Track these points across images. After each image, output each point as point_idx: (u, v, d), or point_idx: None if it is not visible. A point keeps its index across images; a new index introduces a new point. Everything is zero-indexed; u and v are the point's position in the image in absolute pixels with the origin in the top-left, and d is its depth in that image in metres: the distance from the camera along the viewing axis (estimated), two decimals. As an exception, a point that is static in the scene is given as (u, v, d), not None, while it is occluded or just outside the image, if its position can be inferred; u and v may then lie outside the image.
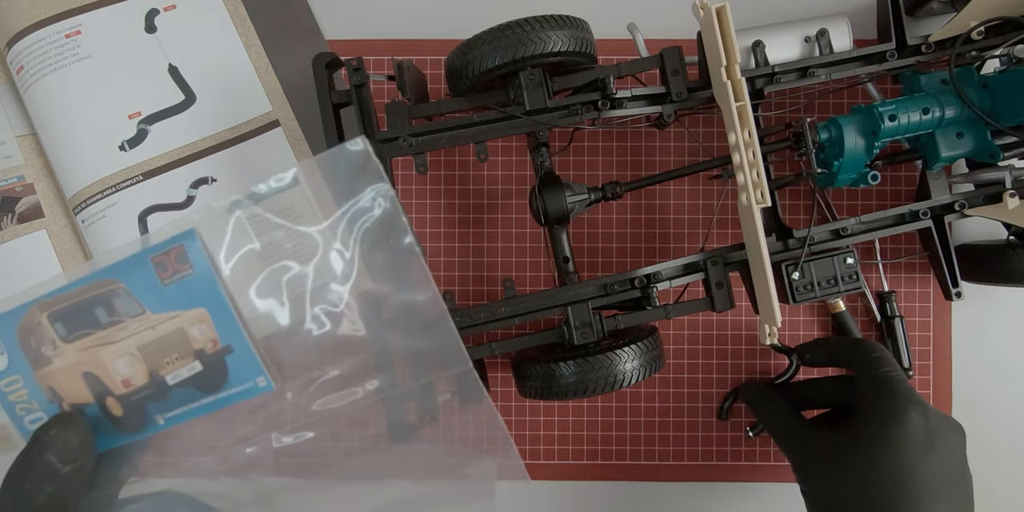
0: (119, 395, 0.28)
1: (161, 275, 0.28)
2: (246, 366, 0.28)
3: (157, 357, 0.28)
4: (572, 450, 0.51)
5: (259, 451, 0.31)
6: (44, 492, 0.26)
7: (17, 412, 0.29)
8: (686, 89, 0.43)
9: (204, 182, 0.50)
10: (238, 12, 0.51)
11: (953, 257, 0.45)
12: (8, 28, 0.50)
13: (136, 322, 0.28)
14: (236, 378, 0.28)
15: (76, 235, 0.50)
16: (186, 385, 0.28)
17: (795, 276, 0.42)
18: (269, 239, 0.30)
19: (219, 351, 0.28)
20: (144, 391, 0.28)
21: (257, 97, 0.51)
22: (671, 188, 0.51)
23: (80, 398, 0.28)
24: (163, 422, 0.29)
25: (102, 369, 0.28)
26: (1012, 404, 0.51)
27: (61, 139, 0.49)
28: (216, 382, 0.28)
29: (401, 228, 0.29)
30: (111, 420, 0.29)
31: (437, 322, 0.29)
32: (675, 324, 0.51)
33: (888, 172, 0.50)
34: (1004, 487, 0.51)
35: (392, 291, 0.30)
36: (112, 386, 0.28)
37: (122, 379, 0.28)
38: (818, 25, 0.44)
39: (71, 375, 0.28)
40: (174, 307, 0.28)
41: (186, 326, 0.28)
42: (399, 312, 0.30)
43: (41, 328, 0.28)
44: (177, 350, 0.28)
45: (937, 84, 0.43)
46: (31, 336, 0.28)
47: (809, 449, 0.41)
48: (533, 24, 0.40)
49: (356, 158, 0.29)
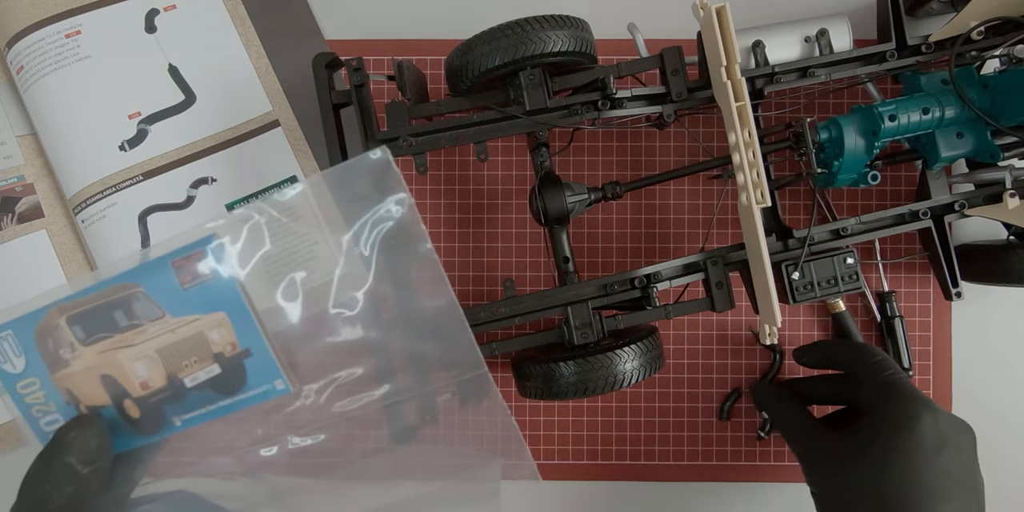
0: (136, 397, 0.29)
1: (182, 279, 0.28)
2: (264, 369, 0.29)
3: (176, 360, 0.28)
4: (572, 450, 0.51)
5: (273, 452, 0.31)
6: (63, 494, 0.26)
7: (33, 413, 0.29)
8: (686, 89, 0.43)
9: (204, 182, 0.50)
10: (238, 12, 0.51)
11: (953, 257, 0.45)
12: (8, 28, 0.50)
13: (156, 325, 0.28)
14: (254, 381, 0.29)
15: (76, 235, 0.50)
16: (204, 388, 0.29)
17: (795, 276, 0.42)
18: (286, 244, 0.30)
19: (238, 354, 0.28)
20: (162, 393, 0.29)
21: (257, 97, 0.51)
22: (671, 188, 0.51)
23: (97, 400, 0.29)
24: (180, 424, 0.29)
25: (120, 372, 0.28)
26: (1012, 404, 0.51)
27: (61, 139, 0.49)
28: (234, 385, 0.29)
29: (420, 235, 0.29)
30: (128, 422, 0.29)
31: (453, 326, 0.29)
32: (675, 324, 0.51)
33: (888, 172, 0.50)
34: (1006, 487, 0.51)
35: (408, 296, 0.30)
36: (130, 388, 0.29)
37: (140, 382, 0.28)
38: (818, 25, 0.44)
39: (89, 377, 0.29)
40: (194, 311, 0.28)
41: (206, 330, 0.28)
42: (415, 316, 0.31)
43: (59, 331, 0.29)
44: (196, 353, 0.28)
45: (937, 84, 0.43)
46: (49, 338, 0.29)
47: (820, 450, 0.41)
48: (533, 24, 0.40)
49: (377, 167, 0.29)
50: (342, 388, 0.30)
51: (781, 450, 0.50)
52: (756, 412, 0.50)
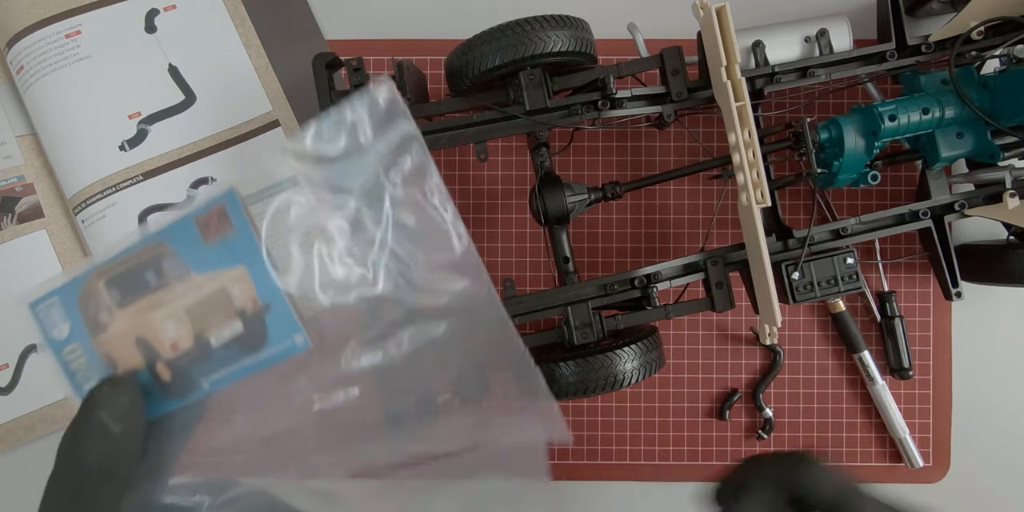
0: (168, 360, 0.29)
1: (205, 235, 0.28)
2: (284, 325, 0.28)
3: (202, 319, 0.29)
4: (572, 450, 0.51)
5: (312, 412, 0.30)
6: (98, 451, 0.26)
7: (78, 380, 0.29)
8: (686, 89, 0.43)
9: (204, 182, 0.50)
10: (238, 12, 0.51)
11: (953, 257, 0.45)
12: (8, 28, 0.50)
13: (182, 284, 0.29)
14: (275, 337, 0.28)
15: (76, 235, 0.50)
16: (230, 346, 0.29)
17: (795, 276, 0.42)
18: (304, 196, 0.30)
19: (259, 310, 0.28)
20: (190, 355, 0.29)
21: (257, 97, 0.51)
22: (671, 188, 0.51)
23: (133, 363, 0.29)
24: (208, 385, 0.29)
25: (152, 333, 0.28)
26: (1012, 404, 0.51)
27: (61, 139, 0.49)
28: (257, 342, 0.29)
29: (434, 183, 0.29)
30: (160, 386, 0.29)
31: (471, 272, 0.29)
32: (675, 324, 0.51)
33: (888, 172, 0.50)
34: (1004, 487, 0.51)
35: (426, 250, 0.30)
36: (161, 350, 0.29)
37: (170, 343, 0.29)
38: (818, 25, 0.44)
39: (125, 340, 0.29)
40: (216, 266, 0.28)
41: (228, 285, 0.28)
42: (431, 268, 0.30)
43: (99, 294, 0.29)
44: (221, 311, 0.28)
45: (937, 84, 0.43)
46: (90, 302, 0.29)
47: None
48: (533, 24, 0.40)
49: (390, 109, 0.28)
50: (362, 346, 0.30)
51: (781, 450, 0.50)
52: (756, 412, 0.50)
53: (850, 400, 0.50)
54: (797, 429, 0.50)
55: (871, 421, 0.50)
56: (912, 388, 0.50)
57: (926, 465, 0.50)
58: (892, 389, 0.50)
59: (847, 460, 0.50)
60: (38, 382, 0.49)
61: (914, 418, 0.50)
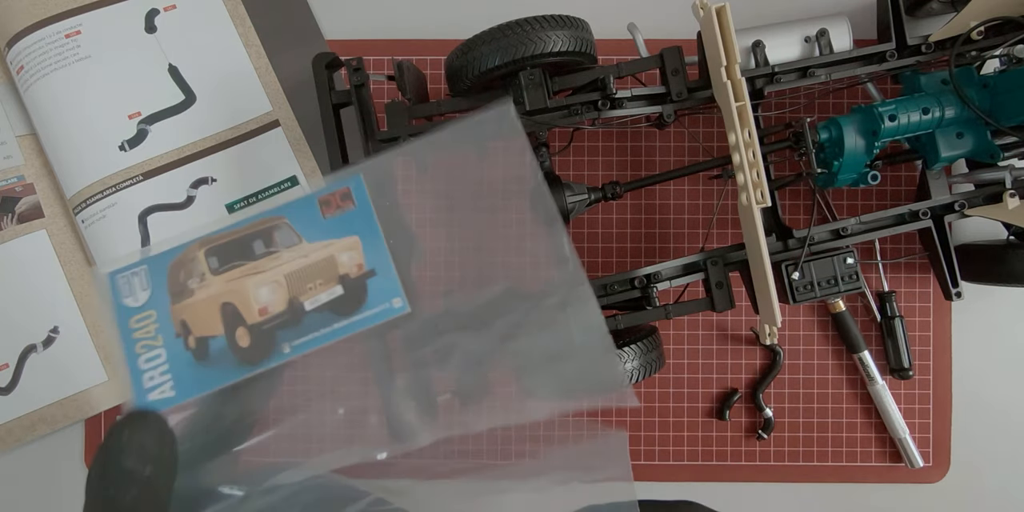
0: (251, 324, 0.29)
1: (324, 211, 0.29)
2: (385, 288, 0.29)
3: (301, 283, 0.29)
4: (572, 450, 0.51)
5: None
6: (131, 495, 0.25)
7: (137, 350, 0.29)
8: (686, 89, 0.43)
9: (204, 182, 0.50)
10: (238, 12, 0.51)
11: (953, 257, 0.45)
12: (8, 28, 0.50)
13: (291, 252, 0.29)
14: (373, 300, 0.29)
15: (76, 235, 0.50)
16: (323, 309, 0.29)
17: (795, 276, 0.42)
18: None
19: (363, 275, 0.29)
20: (279, 319, 0.29)
21: (257, 97, 0.51)
22: (671, 188, 0.51)
23: (210, 330, 0.29)
24: (289, 350, 0.29)
25: (243, 298, 0.29)
26: (1012, 404, 0.51)
27: (61, 139, 0.49)
28: (354, 305, 0.29)
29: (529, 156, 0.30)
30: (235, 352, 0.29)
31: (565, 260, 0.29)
32: (675, 324, 0.51)
33: (888, 172, 0.50)
34: (1004, 487, 0.51)
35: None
36: (247, 315, 0.29)
37: (260, 307, 0.29)
38: (818, 25, 0.44)
39: (209, 306, 0.29)
40: (329, 236, 0.29)
41: (337, 252, 0.29)
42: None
43: (195, 263, 0.29)
44: (323, 276, 0.29)
45: (937, 84, 0.43)
46: (182, 270, 0.29)
47: None
48: (533, 24, 0.40)
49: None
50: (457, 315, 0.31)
51: (781, 450, 0.50)
52: (756, 412, 0.50)
53: (850, 400, 0.50)
54: (797, 429, 0.50)
55: (871, 421, 0.50)
56: (912, 388, 0.50)
57: (926, 465, 0.50)
58: (892, 389, 0.50)
59: (847, 460, 0.50)
60: (38, 382, 0.49)
61: (914, 418, 0.50)
